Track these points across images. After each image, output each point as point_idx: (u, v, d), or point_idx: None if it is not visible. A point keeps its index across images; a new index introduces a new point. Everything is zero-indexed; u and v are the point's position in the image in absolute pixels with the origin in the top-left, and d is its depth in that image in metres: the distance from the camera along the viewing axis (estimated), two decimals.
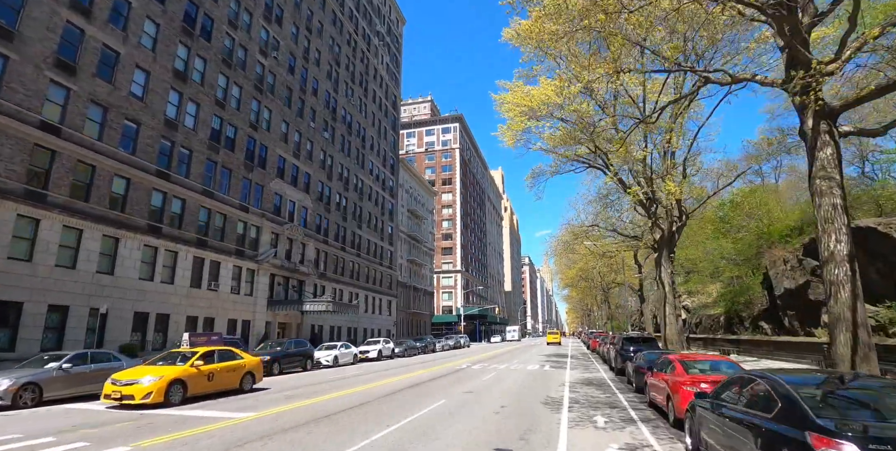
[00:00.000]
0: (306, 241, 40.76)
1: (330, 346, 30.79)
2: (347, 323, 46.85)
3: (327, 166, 45.74)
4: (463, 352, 47.22)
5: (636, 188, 21.24)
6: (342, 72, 50.16)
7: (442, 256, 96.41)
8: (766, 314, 30.02)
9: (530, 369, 23.29)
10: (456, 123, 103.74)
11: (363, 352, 34.88)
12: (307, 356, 26.51)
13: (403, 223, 65.15)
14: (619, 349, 20.14)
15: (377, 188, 56.67)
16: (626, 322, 78.25)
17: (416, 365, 28.81)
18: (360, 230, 51.26)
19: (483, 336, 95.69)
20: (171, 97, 28.77)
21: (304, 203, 41.33)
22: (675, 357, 10.88)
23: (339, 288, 45.85)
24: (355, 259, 49.75)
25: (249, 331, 33.47)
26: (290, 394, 15.25)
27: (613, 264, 54.34)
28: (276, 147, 38.05)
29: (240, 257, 32.96)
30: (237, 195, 33.32)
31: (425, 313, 71.18)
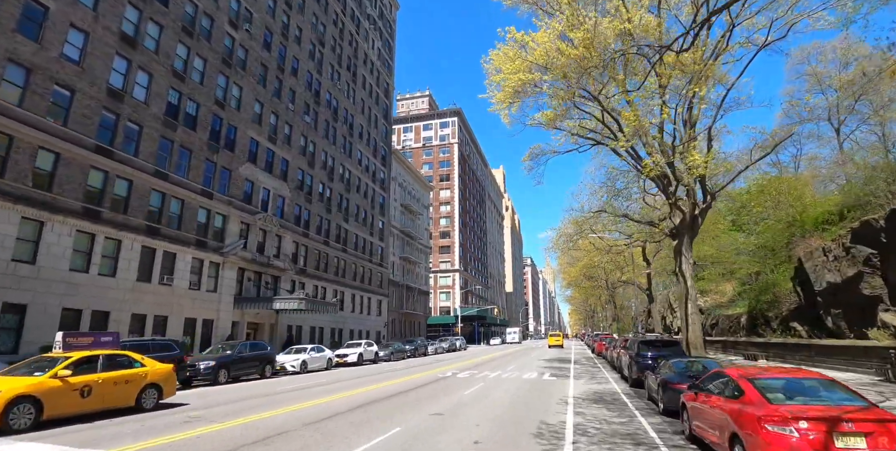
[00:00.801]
0: (282, 233, 37.02)
1: (299, 349, 27.03)
2: (331, 324, 43.08)
3: (308, 153, 42.04)
4: (457, 356, 43.41)
5: (654, 158, 17.47)
6: (327, 53, 46.50)
7: (439, 254, 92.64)
8: (797, 313, 26.14)
9: (527, 379, 19.47)
10: (454, 117, 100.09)
11: (341, 356, 31.10)
12: (266, 361, 22.74)
13: (396, 219, 61.42)
14: (634, 356, 16.33)
15: (366, 180, 52.94)
16: (630, 323, 74.23)
17: (397, 372, 25.02)
18: (346, 224, 47.52)
19: (482, 338, 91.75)
20: (116, 64, 25.11)
21: (281, 192, 37.61)
22: (738, 373, 7.07)
23: (321, 286, 42.10)
24: (340, 255, 46.00)
25: (212, 332, 29.71)
26: (200, 415, 11.48)
27: (620, 260, 50.48)
28: (248, 129, 34.35)
29: (201, 248, 29.24)
30: (199, 179, 29.62)
31: (420, 314, 67.37)
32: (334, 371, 26.65)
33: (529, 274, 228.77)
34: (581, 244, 46.06)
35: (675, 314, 54.43)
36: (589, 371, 22.95)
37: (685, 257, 20.22)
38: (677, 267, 20.67)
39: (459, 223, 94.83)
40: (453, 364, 29.80)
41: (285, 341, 35.49)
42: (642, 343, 16.46)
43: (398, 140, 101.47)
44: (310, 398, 14.73)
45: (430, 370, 25.01)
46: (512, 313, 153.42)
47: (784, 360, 24.02)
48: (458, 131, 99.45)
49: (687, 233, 20.24)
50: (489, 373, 21.91)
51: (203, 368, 19.25)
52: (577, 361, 31.97)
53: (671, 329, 54.29)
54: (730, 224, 44.77)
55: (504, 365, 27.92)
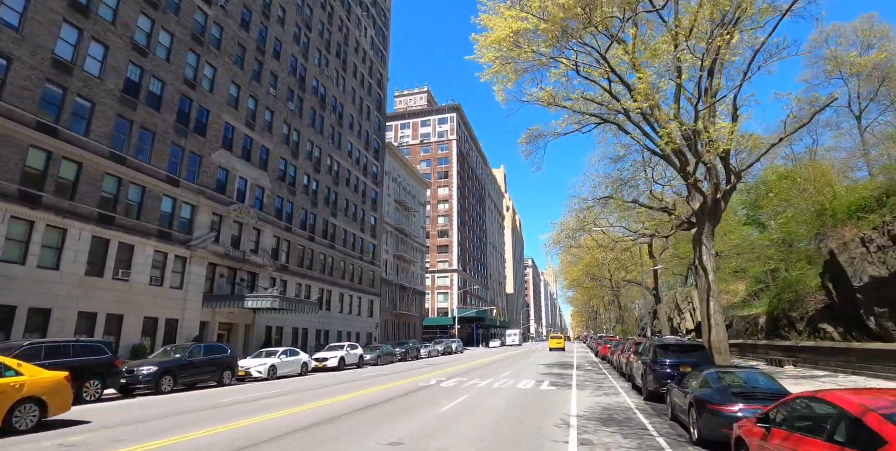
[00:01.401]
0: (261, 226, 34.25)
1: (270, 352, 24.21)
2: (316, 325, 40.27)
3: (292, 142, 39.29)
4: (451, 359, 40.56)
5: (669, 128, 14.66)
6: (314, 38, 43.80)
7: (437, 254, 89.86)
8: (827, 313, 23.29)
9: (521, 389, 16.63)
10: (453, 113, 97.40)
11: (320, 360, 28.28)
12: (225, 366, 19.92)
13: (390, 215, 58.64)
14: (649, 363, 13.50)
15: (357, 173, 50.17)
16: (635, 325, 71.21)
17: (377, 378, 22.21)
18: (334, 219, 44.75)
19: (481, 340, 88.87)
20: (64, 33, 22.40)
21: (260, 182, 34.86)
22: (860, 404, 4.17)
23: (305, 284, 39.30)
24: (328, 251, 43.21)
25: (177, 333, 26.93)
26: (85, 440, 8.68)
27: (624, 258, 47.58)
28: (222, 112, 31.62)
29: (164, 240, 26.48)
30: (163, 164, 26.88)
31: (415, 315, 64.50)
32: (309, 377, 23.83)
33: (531, 275, 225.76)
34: (583, 241, 43.29)
35: (682, 316, 51.52)
36: (594, 379, 20.09)
37: (706, 247, 17.37)
38: (696, 259, 17.83)
39: (458, 222, 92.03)
40: (443, 369, 26.97)
41: (263, 344, 32.70)
42: (660, 348, 13.61)
43: (395, 137, 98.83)
44: (255, 413, 11.94)
45: (415, 377, 22.18)
46: (512, 314, 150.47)
47: (816, 366, 21.15)
48: (456, 128, 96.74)
49: (708, 219, 17.39)
50: (479, 381, 19.06)
51: (143, 374, 16.47)
52: (580, 366, 29.10)
53: (678, 331, 51.35)
54: (742, 219, 41.94)
55: (499, 371, 25.07)
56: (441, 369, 26.93)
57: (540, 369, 26.36)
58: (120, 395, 16.81)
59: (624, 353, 20.36)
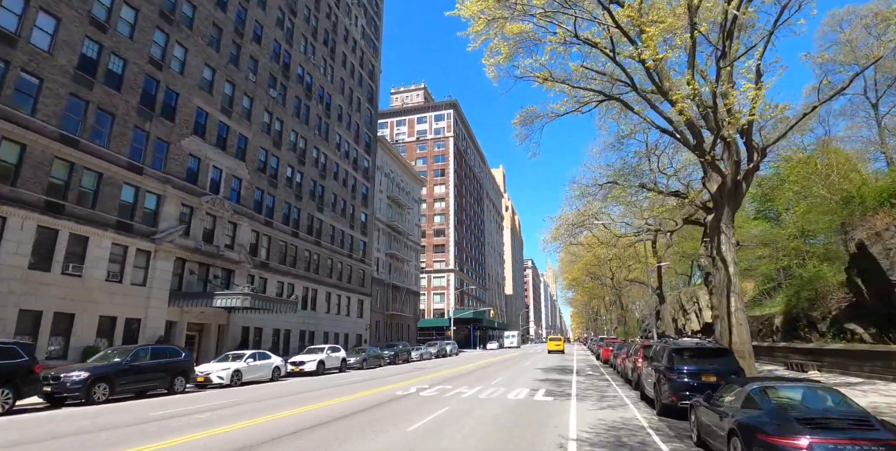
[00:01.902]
0: (238, 220, 31.92)
1: (237, 356, 21.87)
2: (299, 326, 37.91)
3: (274, 131, 36.99)
4: (443, 363, 38.24)
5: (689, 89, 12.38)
6: (299, 24, 41.55)
7: (434, 253, 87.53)
8: (855, 312, 21.00)
9: (513, 399, 14.29)
10: (450, 109, 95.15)
11: (296, 364, 25.96)
12: (178, 372, 17.59)
13: (382, 212, 56.32)
14: (664, 370, 11.18)
15: (346, 167, 47.85)
16: (637, 326, 68.80)
17: (353, 385, 19.89)
18: (321, 214, 42.42)
19: (478, 342, 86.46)
20: (6, 1, 20.14)
21: (237, 173, 32.55)
22: None
23: (288, 282, 36.94)
24: (313, 248, 40.88)
25: (140, 333, 24.58)
26: None
27: (628, 256, 45.28)
28: (194, 96, 29.32)
29: (125, 232, 24.15)
30: (124, 150, 24.57)
31: (409, 316, 62.12)
32: (280, 384, 21.49)
33: (530, 277, 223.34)
34: (584, 240, 41.04)
35: (687, 316, 49.16)
36: (596, 387, 17.74)
37: (725, 235, 15.05)
38: (713, 249, 15.50)
39: (455, 221, 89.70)
40: (430, 375, 24.63)
41: (239, 346, 30.36)
42: (676, 353, 11.26)
43: (391, 134, 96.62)
44: (181, 431, 9.64)
45: (396, 384, 19.84)
46: (511, 316, 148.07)
47: (847, 371, 18.81)
48: (453, 125, 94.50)
49: (728, 203, 15.07)
50: (465, 390, 16.71)
51: (71, 381, 14.14)
52: (581, 371, 26.76)
53: (683, 332, 48.99)
54: (751, 215, 39.65)
55: (491, 376, 22.72)
56: (428, 375, 24.59)
57: (536, 374, 24.01)
58: (47, 405, 14.51)
59: (630, 357, 18.00)
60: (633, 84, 16.01)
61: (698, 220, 30.80)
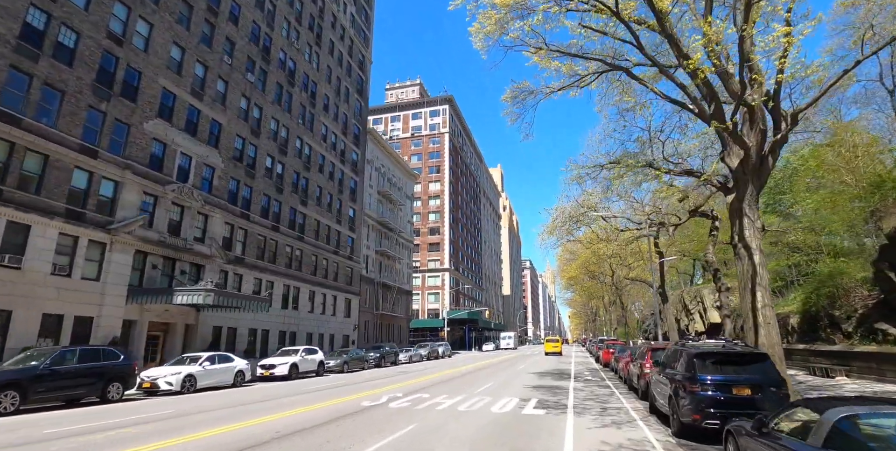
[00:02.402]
0: (210, 211, 29.59)
1: (194, 358, 19.51)
2: (280, 326, 35.55)
3: (252, 118, 34.65)
4: (433, 365, 35.93)
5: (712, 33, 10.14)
6: (282, 6, 39.25)
7: (428, 252, 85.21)
8: (885, 310, 18.74)
9: (497, 413, 11.98)
10: (445, 105, 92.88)
11: (266, 367, 23.63)
12: (114, 377, 15.25)
13: (372, 207, 53.98)
14: (683, 380, 8.89)
15: (333, 159, 45.52)
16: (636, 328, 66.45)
17: (321, 392, 17.57)
18: (304, 208, 40.08)
19: (474, 343, 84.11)
20: None
21: (209, 161, 30.21)
22: None
23: (266, 279, 34.59)
24: (295, 244, 38.54)
25: (92, 333, 22.21)
26: None
27: (629, 253, 43.03)
28: (160, 76, 26.99)
29: (75, 221, 21.80)
30: (76, 131, 22.22)
31: (401, 316, 59.74)
32: (242, 390, 19.14)
33: (528, 277, 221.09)
34: (582, 237, 38.79)
35: (690, 316, 46.87)
36: (596, 396, 15.41)
37: (749, 218, 12.75)
38: (735, 235, 13.19)
39: (450, 219, 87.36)
40: (412, 380, 22.31)
41: (208, 347, 28.01)
42: (699, 358, 8.90)
43: (385, 130, 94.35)
44: None
45: (370, 391, 17.52)
46: (509, 317, 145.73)
47: (883, 377, 16.51)
48: (449, 120, 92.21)
49: (752, 180, 12.79)
50: (445, 399, 14.37)
51: None
52: (579, 375, 24.43)
53: (686, 334, 46.73)
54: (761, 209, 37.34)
55: (478, 382, 20.40)
56: (411, 380, 22.25)
57: (530, 379, 21.68)
58: None
59: (635, 362, 15.66)
60: (639, 44, 13.73)
61: (706, 212, 28.64)
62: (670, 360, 10.51)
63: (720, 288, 27.73)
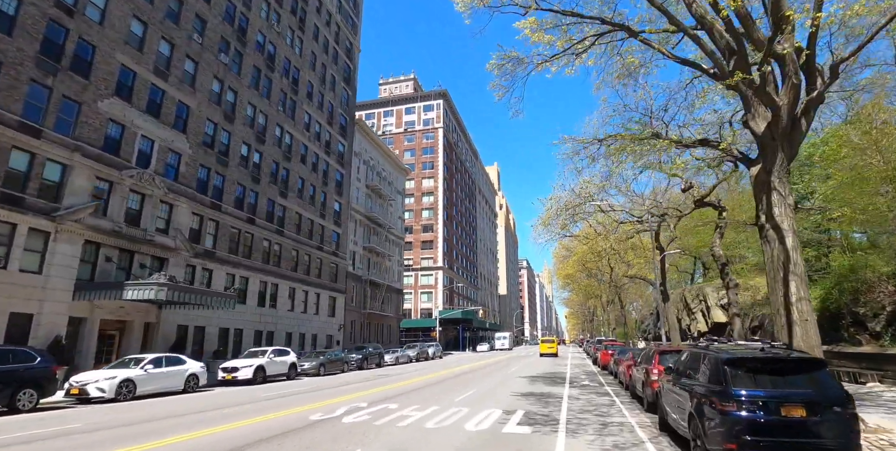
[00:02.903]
0: (174, 200, 27.25)
1: (138, 360, 17.16)
2: (255, 325, 33.21)
3: (226, 103, 32.32)
4: (419, 368, 33.68)
5: None
6: None
7: (421, 250, 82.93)
8: None
9: (471, 432, 9.70)
10: (440, 99, 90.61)
11: (229, 370, 21.32)
12: (27, 383, 12.96)
13: (360, 201, 51.65)
14: (711, 395, 6.60)
15: (316, 150, 43.20)
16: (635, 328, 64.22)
17: (279, 400, 15.29)
18: (284, 200, 37.75)
19: (468, 344, 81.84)
20: None
21: (175, 146, 27.87)
22: None
23: (240, 275, 32.26)
24: (274, 237, 36.21)
25: (31, 332, 19.87)
26: None
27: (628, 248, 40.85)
28: (117, 52, 24.65)
29: (12, 206, 19.44)
30: (14, 107, 19.87)
31: (390, 316, 57.41)
32: (191, 397, 16.83)
33: (525, 277, 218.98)
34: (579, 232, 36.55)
35: (692, 316, 44.64)
36: (594, 406, 13.15)
37: (779, 193, 10.53)
38: (762, 214, 10.94)
39: (444, 216, 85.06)
40: (388, 385, 20.04)
41: (171, 348, 25.66)
42: (731, 365, 6.58)
43: (378, 125, 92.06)
44: None
45: (334, 399, 15.25)
46: (505, 317, 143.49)
47: None
48: (443, 115, 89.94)
49: (782, 146, 10.58)
50: (413, 413, 12.08)
51: None
52: (575, 379, 22.17)
53: (688, 334, 44.54)
54: None
55: (462, 387, 18.13)
56: (386, 385, 19.98)
57: (520, 384, 19.41)
58: None
59: (639, 366, 13.36)
60: None
61: (711, 202, 26.45)
62: (687, 366, 8.25)
63: (728, 284, 25.53)
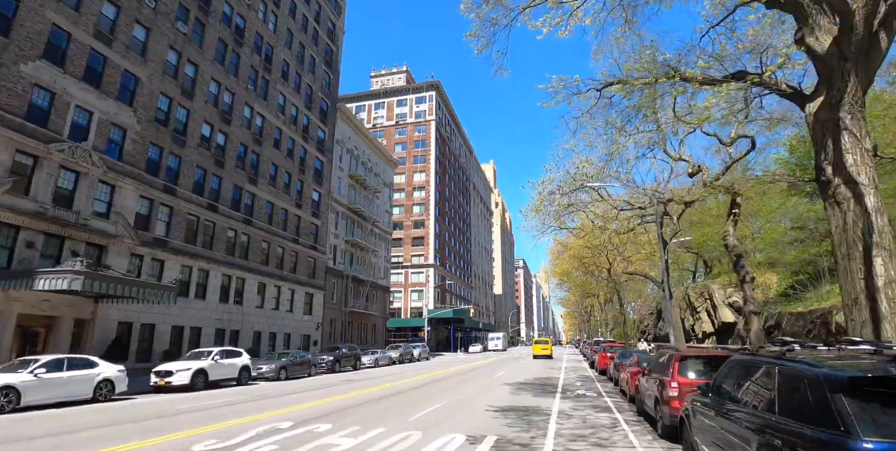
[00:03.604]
0: (118, 181, 24.08)
1: (26, 361, 13.96)
2: (216, 323, 30.03)
3: (184, 77, 29.13)
4: (396, 371, 30.58)
5: None
6: None
7: (412, 247, 79.79)
8: None
9: None
10: (432, 91, 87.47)
11: (162, 374, 18.16)
12: None
13: (342, 192, 48.47)
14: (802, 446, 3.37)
15: (293, 134, 40.02)
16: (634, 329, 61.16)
17: (189, 415, 12.17)
18: (253, 187, 34.56)
19: (459, 344, 78.71)
20: None
21: (120, 120, 24.68)
22: None
23: (198, 267, 29.06)
24: (241, 227, 33.03)
25: None
26: None
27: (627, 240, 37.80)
28: (48, 9, 21.44)
29: None
30: None
31: (375, 315, 54.20)
32: (93, 408, 13.63)
33: (522, 277, 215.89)
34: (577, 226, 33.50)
35: (696, 316, 41.57)
36: (591, 428, 10.03)
37: (852, 133, 7.46)
38: (825, 164, 7.85)
39: (436, 212, 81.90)
40: (341, 395, 16.92)
41: (110, 347, 22.47)
42: (850, 391, 3.51)
43: (368, 117, 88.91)
44: None
45: (254, 416, 12.12)
46: (500, 317, 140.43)
47: None
48: (436, 108, 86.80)
49: (855, 68, 7.54)
50: (343, 440, 8.91)
51: None
52: (569, 387, 19.04)
53: (692, 335, 41.51)
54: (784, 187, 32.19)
55: (424, 401, 15.00)
56: (342, 394, 16.85)
57: (501, 395, 16.28)
58: None
59: (650, 375, 10.19)
60: None
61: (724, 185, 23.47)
62: (738, 384, 5.13)
63: (744, 278, 22.45)
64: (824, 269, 27.23)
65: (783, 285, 34.18)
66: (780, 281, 35.12)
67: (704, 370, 8.38)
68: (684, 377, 8.21)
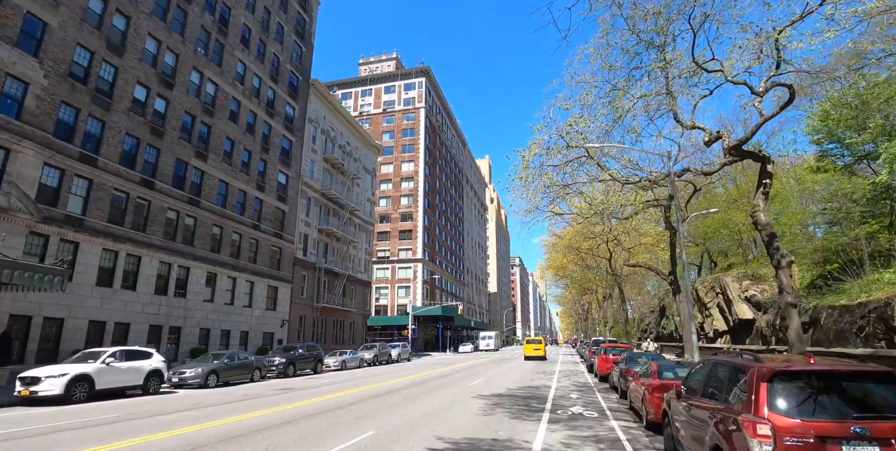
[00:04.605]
0: (14, 144, 19.62)
1: None
2: (151, 318, 25.58)
3: (110, 29, 24.64)
4: (363, 375, 26.26)
5: None
6: None
7: (399, 241, 75.37)
8: None
9: None
10: (422, 77, 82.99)
11: (27, 381, 13.79)
12: None
13: (315, 176, 44.01)
14: None
15: (254, 108, 35.56)
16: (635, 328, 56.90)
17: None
18: (201, 162, 30.11)
19: (449, 344, 74.40)
20: None
21: (19, 71, 20.18)
22: None
23: (126, 252, 24.59)
24: (185, 208, 28.57)
25: None
26: None
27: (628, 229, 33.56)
28: None
29: None
30: None
31: (353, 312, 49.74)
32: None
33: (518, 275, 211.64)
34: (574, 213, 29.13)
35: (707, 312, 37.07)
36: None
37: None
38: None
39: (425, 203, 77.47)
40: (255, 413, 12.60)
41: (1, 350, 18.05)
42: None
43: (355, 105, 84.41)
44: None
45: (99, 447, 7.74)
46: (495, 315, 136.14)
47: None
48: (426, 94, 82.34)
49: None
50: None
51: None
52: (561, 402, 14.67)
53: (702, 334, 37.20)
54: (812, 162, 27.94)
55: (343, 429, 10.67)
56: (251, 412, 12.51)
57: (467, 416, 11.94)
58: None
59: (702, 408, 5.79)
60: None
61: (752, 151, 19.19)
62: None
63: (779, 263, 18.20)
64: (864, 255, 23.05)
65: (806, 278, 30.05)
66: (807, 271, 30.97)
67: (828, 402, 4.06)
68: (792, 419, 3.91)
